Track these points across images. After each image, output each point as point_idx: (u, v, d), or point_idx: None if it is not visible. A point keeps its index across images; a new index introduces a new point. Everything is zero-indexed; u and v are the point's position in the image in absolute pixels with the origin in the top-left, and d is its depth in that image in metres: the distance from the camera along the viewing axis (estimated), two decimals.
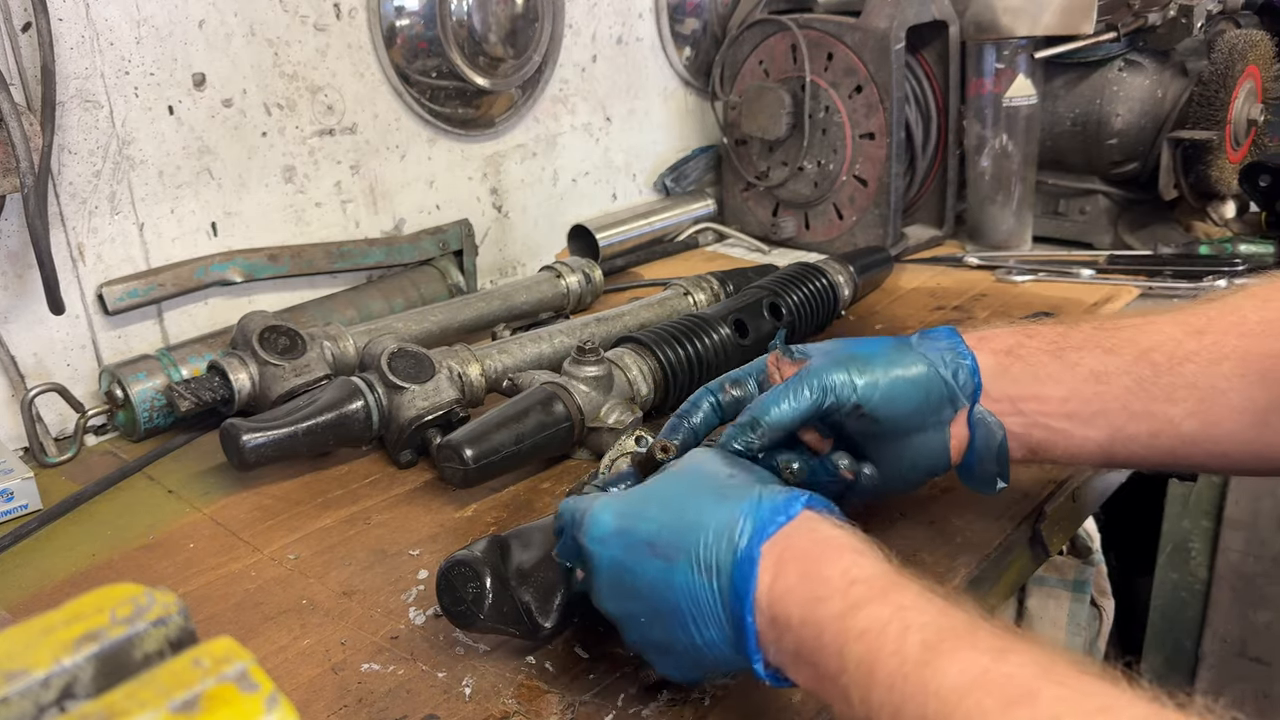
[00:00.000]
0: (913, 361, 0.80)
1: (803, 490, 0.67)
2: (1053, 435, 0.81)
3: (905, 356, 0.80)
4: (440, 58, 1.53)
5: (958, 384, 0.80)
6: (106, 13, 1.19)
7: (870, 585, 0.59)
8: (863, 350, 0.81)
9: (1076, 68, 1.63)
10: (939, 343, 0.81)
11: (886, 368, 0.79)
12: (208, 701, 0.35)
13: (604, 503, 0.72)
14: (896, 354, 0.81)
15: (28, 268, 1.17)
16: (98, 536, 1.04)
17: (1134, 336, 0.79)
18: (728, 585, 0.63)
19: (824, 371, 0.79)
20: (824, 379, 0.78)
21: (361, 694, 0.78)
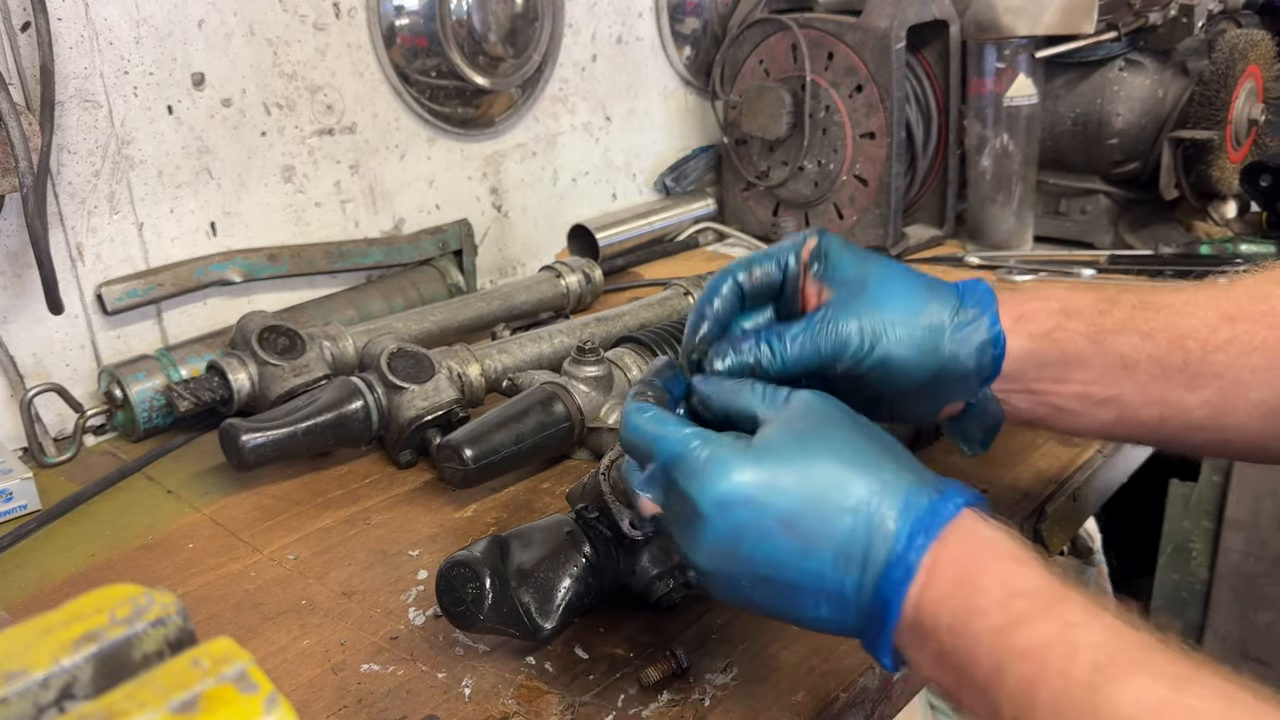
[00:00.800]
0: (939, 338, 0.74)
1: (956, 484, 0.63)
2: (1058, 414, 0.78)
3: (935, 332, 0.74)
4: (440, 57, 1.53)
5: (976, 373, 0.76)
6: (106, 12, 1.19)
7: (1033, 599, 0.55)
8: (892, 303, 0.74)
9: (1077, 67, 1.63)
10: (972, 322, 0.75)
11: (906, 342, 0.74)
12: (207, 702, 0.35)
13: (732, 459, 0.63)
14: (926, 327, 0.74)
15: (27, 267, 1.17)
16: (97, 537, 1.04)
17: (1172, 320, 0.75)
18: (873, 585, 0.59)
19: (841, 321, 0.73)
20: (840, 333, 0.73)
21: (361, 694, 0.78)
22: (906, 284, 0.76)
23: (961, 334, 0.75)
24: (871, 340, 0.73)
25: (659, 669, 0.77)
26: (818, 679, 0.77)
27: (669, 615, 0.84)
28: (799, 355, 0.73)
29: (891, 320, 0.74)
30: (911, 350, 0.74)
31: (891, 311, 0.74)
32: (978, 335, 0.75)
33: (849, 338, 0.73)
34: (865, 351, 0.73)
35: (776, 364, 0.73)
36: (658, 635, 0.82)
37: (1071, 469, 1.05)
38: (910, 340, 0.74)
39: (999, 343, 0.76)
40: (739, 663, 0.78)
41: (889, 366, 0.74)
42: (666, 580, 0.83)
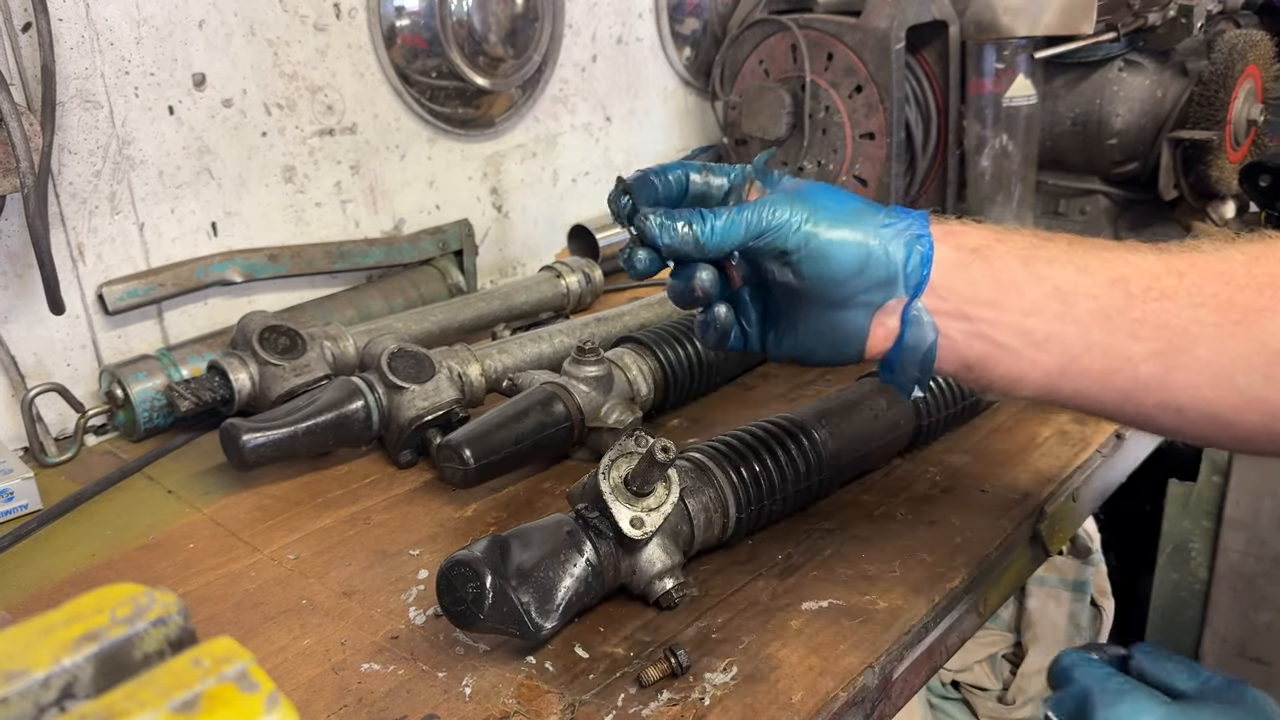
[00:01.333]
0: (865, 228, 0.75)
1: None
2: (996, 351, 0.74)
3: (861, 221, 0.75)
4: (440, 57, 1.53)
5: (904, 269, 0.74)
6: (106, 13, 1.19)
7: None
8: (823, 200, 0.76)
9: (1076, 68, 1.63)
10: (902, 221, 0.76)
11: (833, 224, 0.74)
12: (207, 702, 0.35)
13: None
14: (853, 215, 0.75)
15: (28, 267, 1.17)
16: (97, 536, 1.04)
17: (1111, 260, 0.73)
18: None
19: (774, 205, 0.75)
20: (769, 213, 0.74)
21: (361, 694, 0.78)
22: (844, 196, 0.78)
23: (891, 229, 0.75)
24: (802, 217, 0.74)
25: (659, 669, 0.77)
26: (817, 679, 0.77)
27: (669, 615, 0.85)
28: (728, 230, 0.75)
29: (823, 205, 0.75)
30: (841, 232, 0.74)
31: (825, 201, 0.76)
32: (908, 231, 0.75)
33: (780, 215, 0.74)
34: (795, 225, 0.74)
35: (708, 236, 0.75)
36: (658, 634, 0.82)
37: (1071, 469, 1.05)
38: (840, 220, 0.75)
39: (927, 242, 0.75)
40: (739, 663, 0.79)
41: (816, 245, 0.74)
42: (666, 580, 0.83)
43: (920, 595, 0.86)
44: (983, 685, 1.68)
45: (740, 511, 0.90)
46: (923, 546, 0.92)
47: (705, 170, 0.81)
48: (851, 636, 0.81)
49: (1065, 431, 1.12)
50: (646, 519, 0.81)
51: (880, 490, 1.02)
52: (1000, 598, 0.95)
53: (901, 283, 0.74)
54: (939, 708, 1.72)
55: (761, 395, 1.26)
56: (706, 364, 1.21)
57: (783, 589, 0.87)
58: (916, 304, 0.75)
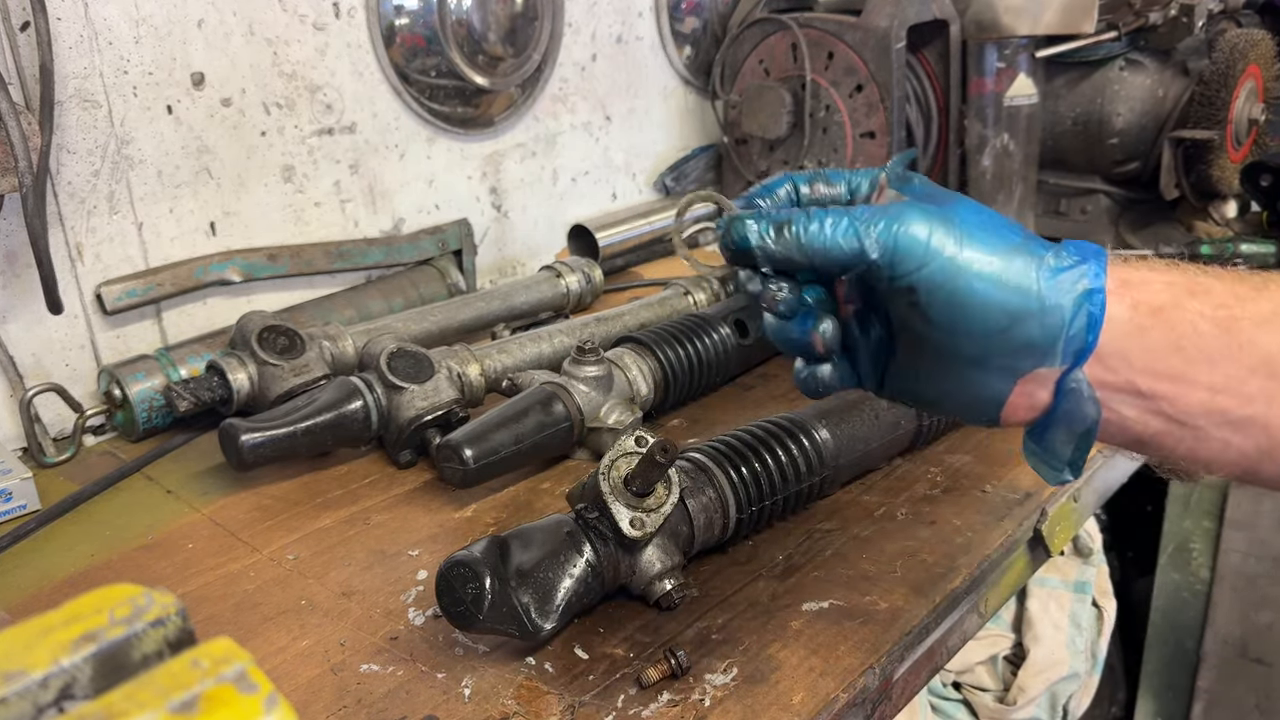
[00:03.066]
0: (1024, 273, 0.58)
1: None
2: (1177, 431, 0.59)
3: (1019, 261, 0.59)
4: (439, 57, 1.53)
5: (1065, 332, 0.58)
6: (105, 12, 1.19)
7: None
8: (972, 224, 0.60)
9: (1078, 67, 1.63)
10: (1072, 267, 0.59)
11: (981, 260, 0.58)
12: (206, 702, 0.35)
13: None
14: (1010, 251, 0.59)
15: (26, 267, 1.17)
16: (96, 537, 1.04)
17: None
18: None
19: (907, 217, 0.59)
20: (900, 228, 0.59)
21: (361, 695, 0.77)
22: (1000, 220, 0.62)
23: (1059, 276, 0.59)
24: (940, 243, 0.59)
25: (659, 669, 0.77)
26: (817, 679, 0.76)
27: (669, 615, 0.84)
28: (842, 240, 0.60)
29: (971, 234, 0.59)
30: (990, 277, 0.58)
31: (974, 229, 0.59)
32: (1078, 284, 0.58)
33: (916, 231, 0.59)
34: (930, 256, 0.59)
35: (815, 240, 0.61)
36: (658, 635, 0.82)
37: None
38: (990, 263, 0.59)
39: (1098, 300, 0.58)
40: (739, 664, 0.78)
41: (956, 288, 0.59)
42: (666, 581, 0.83)
43: (921, 596, 0.85)
44: (984, 686, 1.68)
45: (740, 512, 0.90)
46: (923, 547, 0.92)
47: (816, 180, 0.68)
48: (852, 637, 0.81)
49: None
50: (646, 519, 0.81)
51: (880, 490, 1.02)
52: (1001, 598, 0.95)
53: (1060, 350, 0.59)
54: (940, 708, 1.72)
55: (761, 395, 1.26)
56: (706, 364, 1.20)
57: (783, 590, 0.87)
58: (1077, 374, 0.59)
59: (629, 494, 0.81)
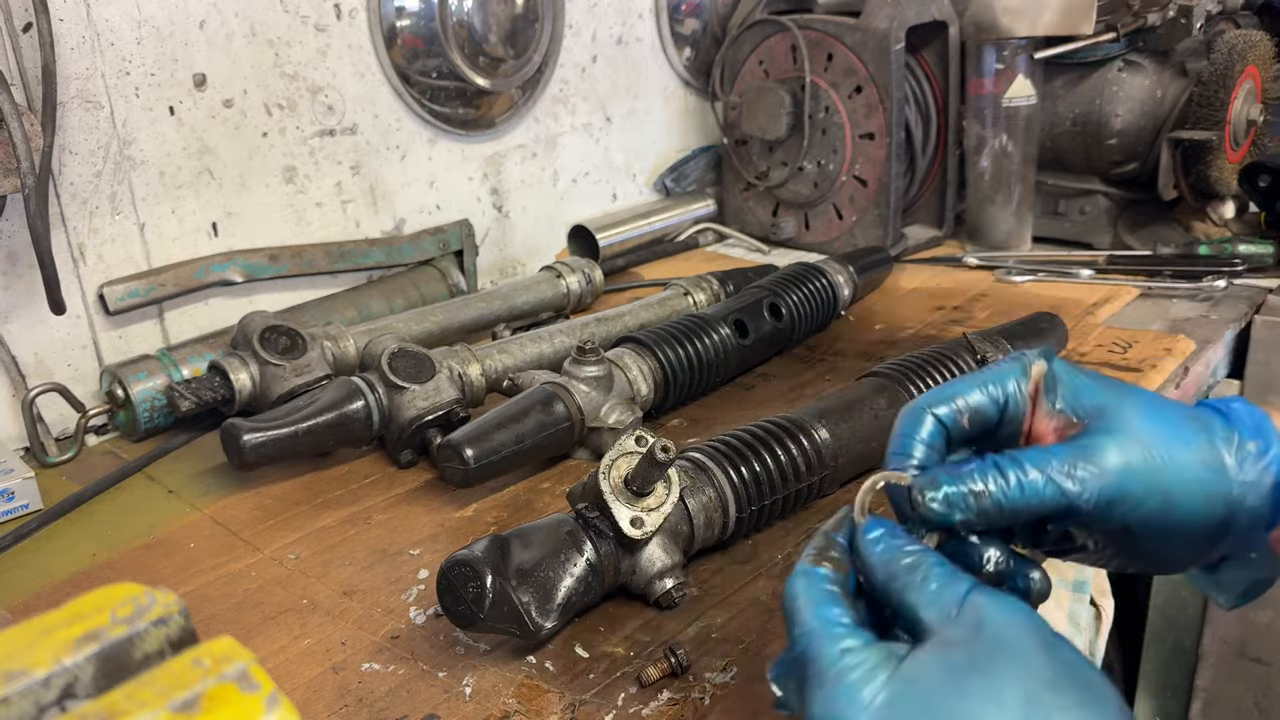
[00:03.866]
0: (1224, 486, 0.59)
1: None
2: None
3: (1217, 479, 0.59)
4: (440, 58, 1.53)
5: (1264, 521, 0.60)
6: (107, 13, 1.19)
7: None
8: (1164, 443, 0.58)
9: (1076, 68, 1.63)
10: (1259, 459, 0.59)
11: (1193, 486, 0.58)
12: (208, 701, 0.35)
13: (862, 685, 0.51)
14: (1206, 466, 0.58)
15: (29, 268, 1.17)
16: (98, 536, 1.04)
17: None
18: None
19: (1103, 455, 0.57)
20: (1106, 470, 0.57)
21: (362, 694, 0.78)
22: (1168, 413, 0.60)
23: (1248, 474, 0.59)
24: (1144, 483, 0.57)
25: (659, 668, 0.77)
26: None
27: (669, 615, 0.85)
28: (1043, 493, 0.57)
29: (1167, 459, 0.58)
30: (1197, 497, 0.58)
31: (1164, 447, 0.58)
32: (1268, 476, 0.59)
33: (1116, 478, 0.57)
34: (1137, 499, 0.57)
35: (1013, 498, 0.57)
36: (658, 634, 0.82)
37: None
38: (1195, 484, 0.58)
39: None
40: (739, 662, 0.79)
41: (1167, 518, 0.58)
42: (666, 580, 0.83)
43: None
44: None
45: (740, 511, 0.90)
46: None
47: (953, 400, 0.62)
48: None
49: None
50: (646, 519, 0.81)
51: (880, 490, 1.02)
52: None
53: (1260, 532, 0.60)
54: None
55: (761, 395, 1.26)
56: (706, 364, 1.21)
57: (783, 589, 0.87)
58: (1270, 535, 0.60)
59: (629, 493, 0.82)
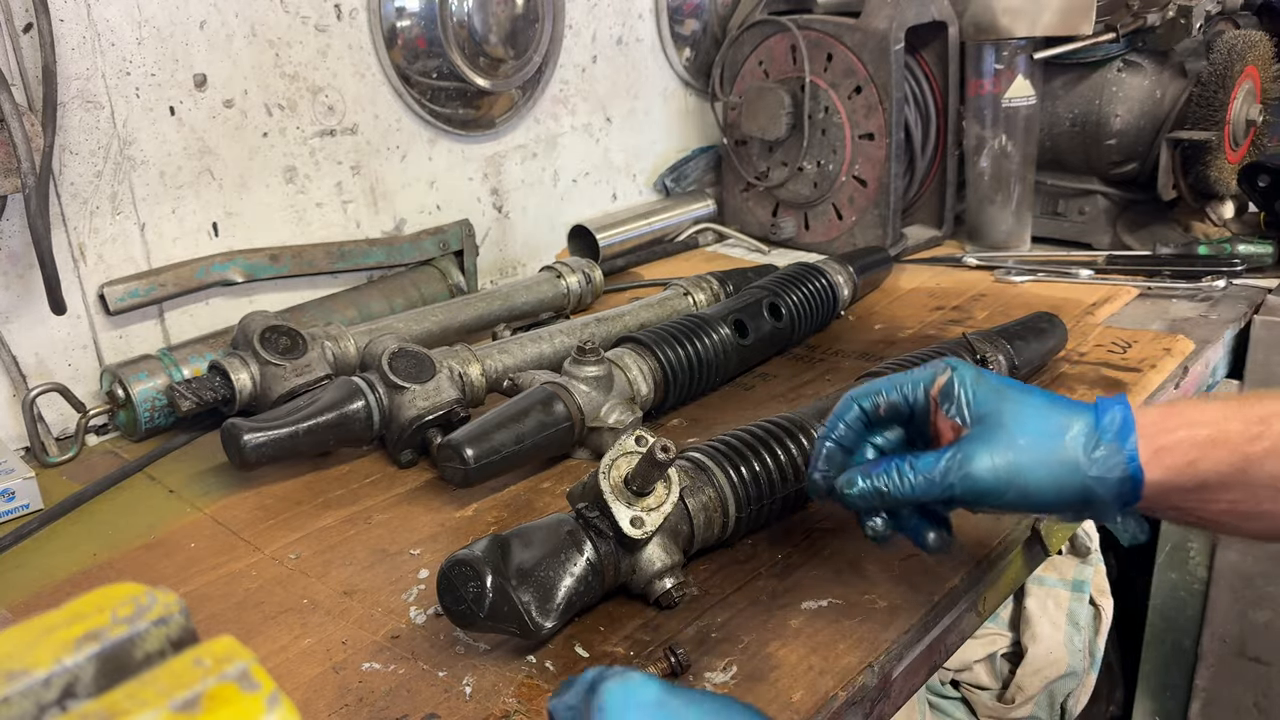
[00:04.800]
0: (1076, 479, 0.73)
1: None
2: (1207, 524, 0.77)
3: (1070, 474, 0.73)
4: (441, 58, 1.53)
5: (1114, 503, 0.74)
6: (108, 14, 1.20)
7: None
8: (1028, 446, 0.74)
9: (1075, 68, 1.63)
10: (1110, 459, 0.73)
11: (1046, 480, 0.73)
12: (209, 701, 0.35)
13: None
14: (1062, 463, 0.73)
15: (29, 268, 1.17)
16: (99, 536, 1.04)
17: None
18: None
19: (977, 459, 0.74)
20: (973, 474, 0.74)
21: (362, 693, 0.78)
22: (1042, 417, 0.75)
23: (1098, 471, 0.73)
24: (1007, 485, 0.74)
25: (659, 668, 0.77)
26: (817, 678, 0.77)
27: (669, 614, 0.85)
28: (927, 489, 0.75)
29: (1027, 462, 0.74)
30: (1048, 488, 0.74)
31: (1027, 451, 0.74)
32: (1115, 474, 0.72)
33: (982, 479, 0.74)
34: (1001, 495, 0.74)
35: (905, 491, 0.76)
36: (658, 634, 0.82)
37: None
38: (1049, 484, 0.74)
39: (1137, 478, 0.73)
40: (739, 662, 0.79)
41: (1028, 503, 0.75)
42: (666, 579, 0.83)
43: (919, 594, 0.86)
44: (982, 684, 1.68)
45: (740, 511, 0.90)
46: None
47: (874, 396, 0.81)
48: (851, 635, 0.81)
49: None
50: (646, 518, 0.81)
51: None
52: (999, 597, 0.95)
53: (1113, 509, 0.75)
54: (938, 706, 1.72)
55: (761, 395, 1.27)
56: (706, 364, 1.21)
57: (782, 588, 0.88)
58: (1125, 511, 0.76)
59: (629, 493, 0.82)
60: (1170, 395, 1.24)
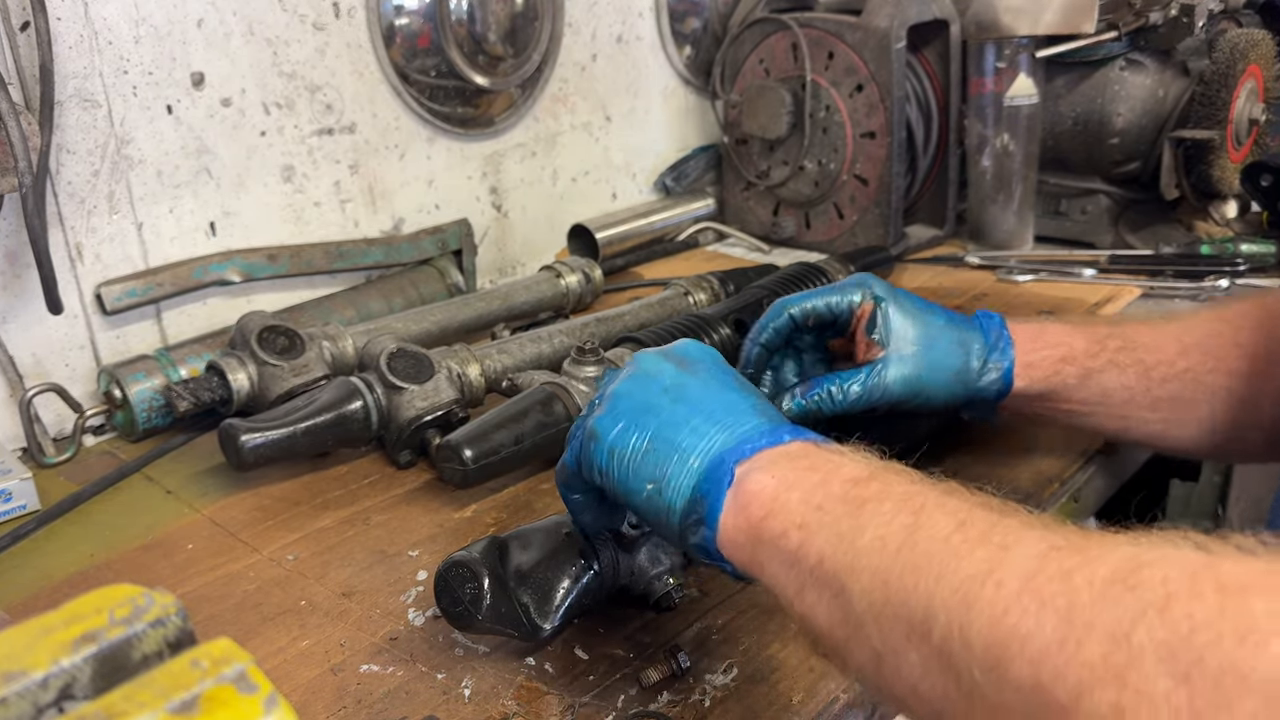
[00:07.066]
0: (966, 388, 0.94)
1: None
2: (1046, 420, 0.99)
3: (963, 385, 0.93)
4: (439, 56, 1.53)
5: (990, 402, 0.96)
6: (105, 12, 1.19)
7: None
8: (932, 366, 0.92)
9: (1078, 67, 1.63)
10: (992, 373, 0.93)
11: (943, 390, 0.93)
12: (206, 703, 0.35)
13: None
14: (956, 376, 0.93)
15: (26, 267, 1.17)
16: (96, 537, 1.03)
17: (1142, 357, 0.92)
18: None
19: (891, 377, 0.91)
20: (888, 389, 0.91)
21: (360, 695, 0.77)
22: (945, 340, 0.93)
23: (984, 381, 0.94)
24: (914, 393, 0.92)
25: (659, 670, 0.77)
26: (817, 679, 0.76)
27: (669, 616, 0.84)
28: (854, 403, 0.91)
29: (931, 379, 0.92)
30: (945, 395, 0.94)
31: (931, 370, 0.92)
32: (995, 385, 0.94)
33: (895, 392, 0.91)
34: (909, 401, 0.92)
35: (834, 408, 0.91)
36: (658, 635, 0.82)
37: (1072, 469, 1.05)
38: (945, 389, 0.93)
39: (1009, 388, 0.94)
40: (739, 663, 0.78)
41: (926, 407, 0.95)
42: (666, 580, 0.83)
43: None
44: None
45: None
46: None
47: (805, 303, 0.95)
48: None
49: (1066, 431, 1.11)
50: None
51: None
52: None
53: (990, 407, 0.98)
54: None
55: None
56: None
57: None
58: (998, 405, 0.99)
59: None
60: None
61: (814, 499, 0.60)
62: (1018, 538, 0.50)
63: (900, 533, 0.54)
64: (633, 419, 0.69)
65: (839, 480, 0.60)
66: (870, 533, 0.55)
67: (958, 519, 0.53)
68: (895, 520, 0.55)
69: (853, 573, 0.55)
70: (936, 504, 0.55)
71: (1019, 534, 0.50)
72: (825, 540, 0.57)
